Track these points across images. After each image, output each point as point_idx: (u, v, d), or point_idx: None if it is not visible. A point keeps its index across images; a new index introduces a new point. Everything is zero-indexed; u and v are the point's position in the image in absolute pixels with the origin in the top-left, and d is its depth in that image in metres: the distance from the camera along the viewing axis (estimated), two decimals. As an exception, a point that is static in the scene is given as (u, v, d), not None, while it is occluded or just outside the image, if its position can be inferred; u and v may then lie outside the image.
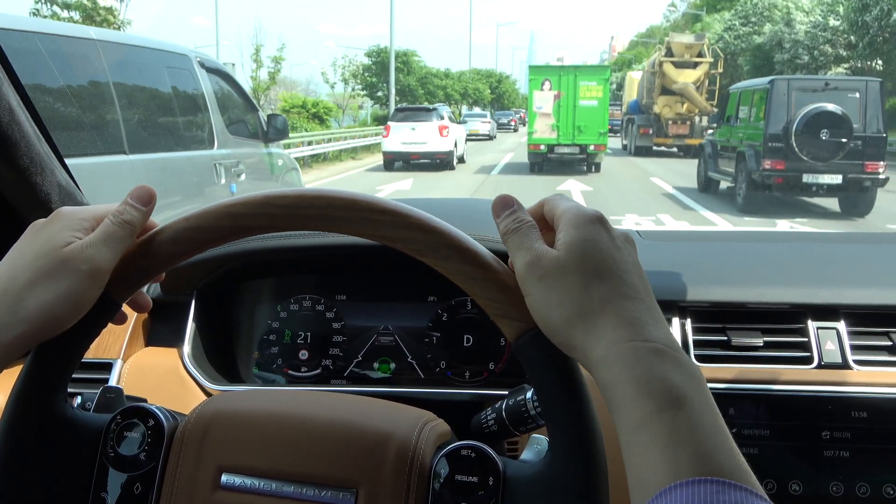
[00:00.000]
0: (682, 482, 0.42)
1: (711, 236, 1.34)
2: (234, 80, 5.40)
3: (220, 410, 0.64)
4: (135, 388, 0.90)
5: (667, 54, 20.68)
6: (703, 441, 0.44)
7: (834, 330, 0.95)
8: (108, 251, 0.58)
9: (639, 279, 0.53)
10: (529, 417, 0.70)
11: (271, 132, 5.49)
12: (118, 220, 0.60)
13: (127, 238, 0.60)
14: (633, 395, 0.46)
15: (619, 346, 0.48)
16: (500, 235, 0.57)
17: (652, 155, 21.60)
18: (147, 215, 0.62)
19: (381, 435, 0.61)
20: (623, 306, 0.50)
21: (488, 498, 0.58)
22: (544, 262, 0.52)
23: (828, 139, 9.85)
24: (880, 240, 1.23)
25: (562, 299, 0.51)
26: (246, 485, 0.60)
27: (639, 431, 0.46)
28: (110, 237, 0.59)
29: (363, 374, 1.04)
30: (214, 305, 1.06)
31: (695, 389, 0.47)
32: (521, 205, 0.58)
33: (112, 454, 0.62)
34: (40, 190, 0.93)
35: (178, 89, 4.56)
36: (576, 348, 0.51)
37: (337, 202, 0.58)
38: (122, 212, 0.60)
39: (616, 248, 0.53)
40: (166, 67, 4.48)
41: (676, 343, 0.50)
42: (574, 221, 0.54)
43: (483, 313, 0.61)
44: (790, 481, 0.90)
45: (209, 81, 4.76)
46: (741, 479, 0.42)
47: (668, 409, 0.45)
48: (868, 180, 10.06)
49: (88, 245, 0.58)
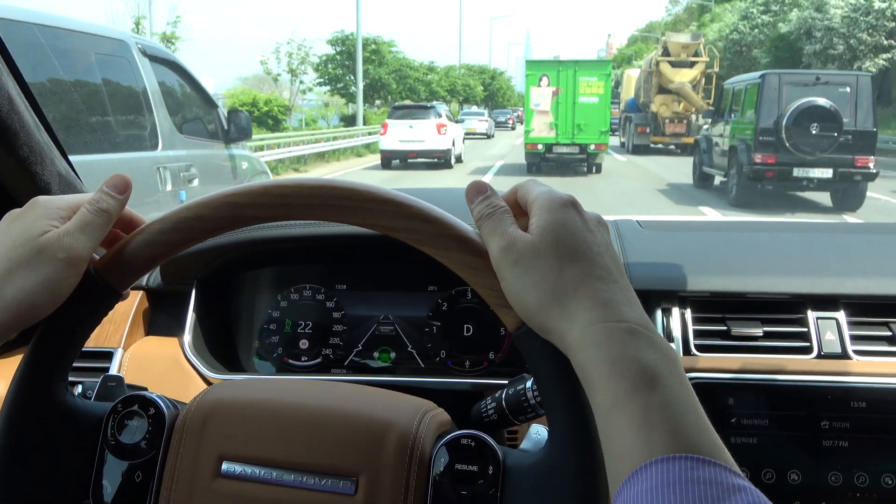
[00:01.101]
0: (656, 459, 0.43)
1: (712, 226, 1.35)
2: (186, 72, 4.71)
3: (220, 399, 0.64)
4: (135, 377, 0.90)
5: (663, 54, 20.86)
6: (677, 419, 0.45)
7: (834, 320, 0.95)
8: (86, 239, 0.59)
9: (611, 261, 0.54)
10: (529, 407, 0.70)
11: (233, 131, 4.88)
12: (94, 209, 0.61)
13: (104, 226, 0.61)
14: (607, 376, 0.47)
15: (593, 327, 0.49)
16: (475, 221, 0.57)
17: (650, 153, 21.76)
18: (123, 203, 0.63)
19: (381, 424, 0.61)
20: (596, 287, 0.51)
21: (488, 487, 0.58)
22: (518, 246, 0.53)
23: (818, 133, 9.95)
24: (880, 230, 1.23)
25: (536, 282, 0.52)
26: (246, 473, 0.60)
27: (614, 411, 0.46)
28: (87, 225, 0.60)
29: (363, 363, 1.05)
30: (215, 295, 1.06)
31: (668, 368, 0.47)
32: (495, 190, 0.59)
33: (113, 442, 0.63)
34: (40, 179, 0.94)
35: (110, 81, 3.90)
36: (551, 331, 0.52)
37: (337, 192, 0.59)
38: (99, 200, 0.61)
39: (589, 230, 0.54)
40: (95, 54, 3.77)
41: (650, 322, 0.51)
42: (547, 205, 0.54)
43: (483, 303, 0.60)
44: (789, 471, 0.90)
45: (152, 72, 4.13)
46: (715, 456, 0.43)
47: (642, 389, 0.46)
48: (858, 174, 10.19)
49: (65, 233, 0.59)
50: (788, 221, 1.45)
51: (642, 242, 1.10)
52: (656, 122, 21.59)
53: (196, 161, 4.42)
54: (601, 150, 15.56)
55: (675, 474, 0.42)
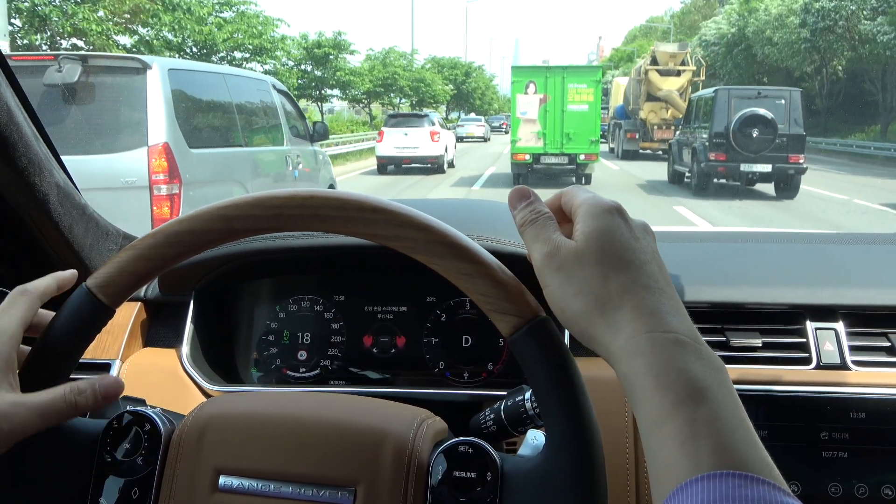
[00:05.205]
0: (702, 476, 0.41)
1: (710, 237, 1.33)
2: (291, 97, 7.52)
3: (216, 413, 0.64)
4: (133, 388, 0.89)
5: (652, 63, 21.49)
6: (725, 434, 0.43)
7: (832, 331, 0.95)
8: (39, 420, 0.58)
9: (658, 269, 0.52)
10: (528, 417, 0.69)
11: (315, 135, 7.57)
12: (69, 400, 0.60)
13: (66, 412, 0.60)
14: (653, 388, 0.45)
15: (639, 337, 0.47)
16: (517, 227, 0.56)
17: (639, 158, 22.53)
18: (98, 406, 0.62)
19: (378, 433, 0.61)
20: (642, 297, 0.49)
21: (487, 493, 0.58)
22: (562, 253, 0.52)
23: (758, 136, 12.69)
24: (879, 240, 1.21)
25: (580, 290, 0.50)
26: (244, 486, 0.60)
27: (659, 425, 0.44)
28: (49, 410, 0.58)
29: (362, 374, 1.04)
30: (213, 306, 1.06)
31: (716, 381, 0.46)
32: (538, 196, 0.57)
33: (109, 459, 0.62)
34: (38, 190, 0.92)
35: (264, 103, 6.72)
36: (595, 340, 0.50)
37: (329, 202, 0.58)
38: (82, 391, 0.60)
39: (634, 238, 0.53)
40: (256, 90, 6.70)
41: (697, 334, 0.49)
42: (592, 212, 0.53)
43: (482, 314, 0.59)
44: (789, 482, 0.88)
45: (279, 98, 6.92)
46: (764, 473, 0.41)
47: (689, 402, 0.44)
48: (792, 169, 12.99)
49: (20, 404, 0.57)
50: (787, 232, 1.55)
51: None
52: (645, 128, 22.32)
53: (298, 153, 7.12)
54: (591, 161, 14.86)
55: (723, 491, 0.40)
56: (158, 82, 4.53)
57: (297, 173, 6.89)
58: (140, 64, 4.55)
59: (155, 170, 4.39)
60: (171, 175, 4.44)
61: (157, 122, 4.48)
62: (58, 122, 4.42)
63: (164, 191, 4.41)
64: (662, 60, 21.34)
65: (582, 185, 3.30)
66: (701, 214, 10.80)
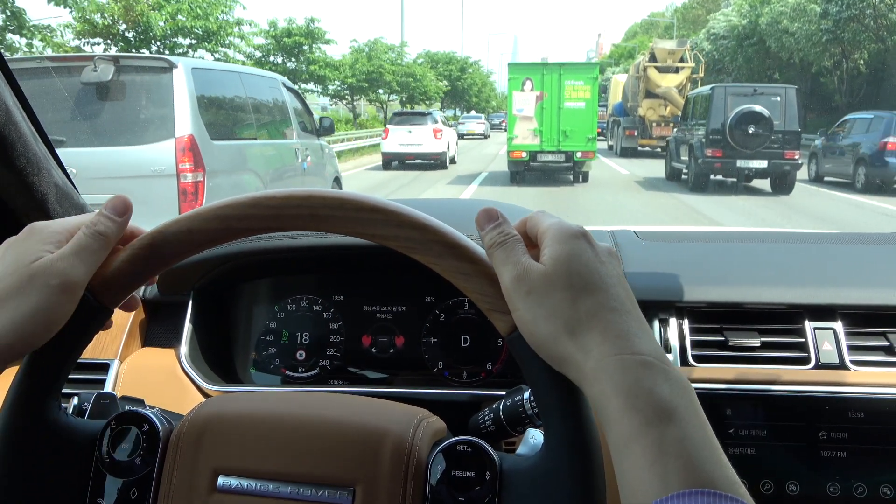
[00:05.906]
0: (672, 495, 0.42)
1: (709, 237, 1.31)
2: (299, 94, 7.90)
3: (214, 413, 0.64)
4: (132, 388, 0.90)
5: (650, 59, 21.46)
6: (693, 453, 0.44)
7: (831, 330, 0.95)
8: (81, 264, 0.57)
9: (624, 292, 0.53)
10: (527, 417, 0.70)
11: (321, 130, 7.93)
12: (91, 232, 0.59)
13: (101, 250, 0.59)
14: (622, 409, 0.46)
15: (607, 360, 0.48)
16: (485, 249, 0.56)
17: (637, 155, 22.50)
18: (123, 225, 0.61)
19: (376, 432, 0.61)
20: (610, 320, 0.50)
21: (486, 492, 0.58)
22: (532, 277, 0.52)
23: (754, 133, 12.77)
24: (877, 240, 1.21)
25: (550, 313, 0.51)
26: (243, 486, 0.60)
27: (628, 446, 0.45)
28: (83, 249, 0.58)
29: (361, 374, 1.04)
30: (212, 306, 1.06)
31: (684, 401, 0.47)
32: (506, 218, 0.58)
33: (107, 460, 0.62)
34: (37, 190, 0.92)
35: (276, 100, 7.13)
36: (565, 362, 0.51)
37: (327, 201, 0.58)
38: (96, 223, 0.59)
39: (600, 262, 0.53)
40: (268, 87, 7.13)
41: (664, 355, 0.50)
42: (558, 237, 0.54)
43: (481, 314, 0.60)
44: (787, 482, 0.90)
45: (288, 95, 7.32)
46: (731, 491, 0.42)
47: (657, 422, 0.45)
48: (787, 165, 13.13)
49: (59, 258, 0.57)
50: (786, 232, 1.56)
51: (640, 253, 1.10)
52: (643, 125, 22.27)
53: (306, 146, 7.49)
54: (588, 158, 14.63)
55: None
56: (183, 80, 4.89)
57: (305, 165, 7.29)
58: (167, 63, 4.95)
59: (181, 160, 4.77)
60: (196, 164, 4.83)
61: (182, 116, 4.85)
62: (94, 116, 4.89)
63: (189, 178, 4.79)
64: (661, 57, 21.37)
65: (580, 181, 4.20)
66: (699, 210, 10.96)
